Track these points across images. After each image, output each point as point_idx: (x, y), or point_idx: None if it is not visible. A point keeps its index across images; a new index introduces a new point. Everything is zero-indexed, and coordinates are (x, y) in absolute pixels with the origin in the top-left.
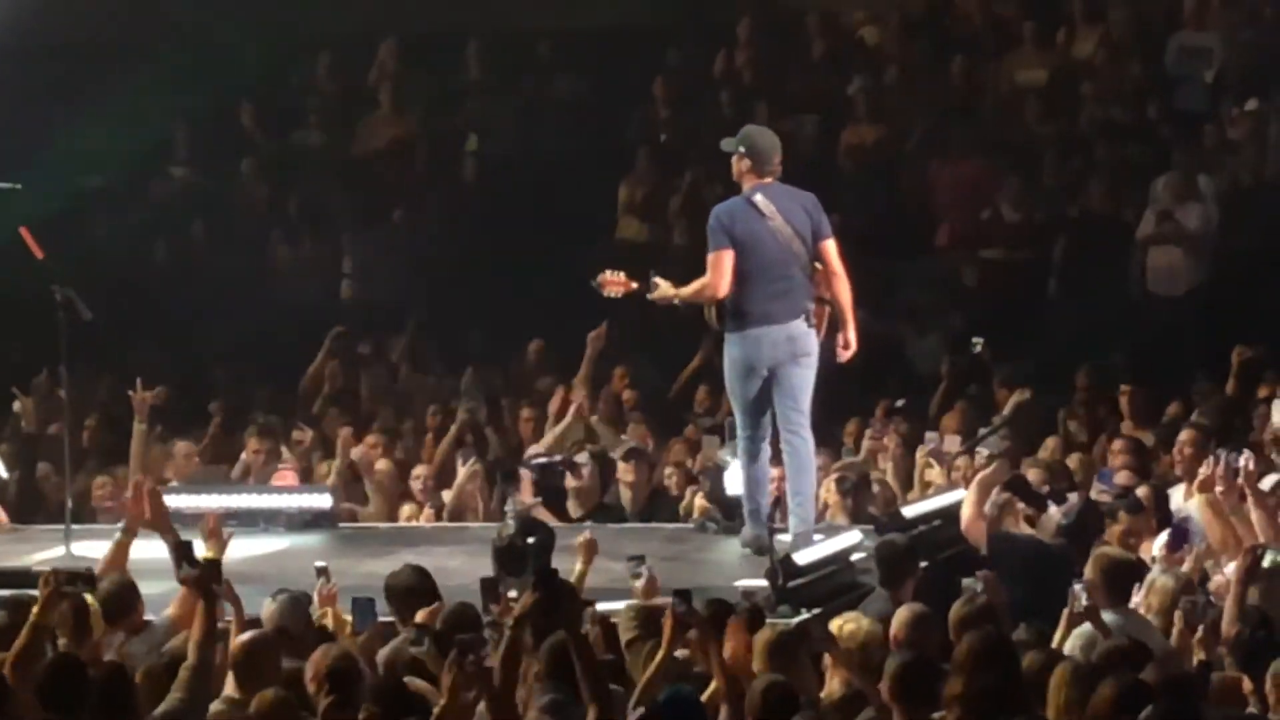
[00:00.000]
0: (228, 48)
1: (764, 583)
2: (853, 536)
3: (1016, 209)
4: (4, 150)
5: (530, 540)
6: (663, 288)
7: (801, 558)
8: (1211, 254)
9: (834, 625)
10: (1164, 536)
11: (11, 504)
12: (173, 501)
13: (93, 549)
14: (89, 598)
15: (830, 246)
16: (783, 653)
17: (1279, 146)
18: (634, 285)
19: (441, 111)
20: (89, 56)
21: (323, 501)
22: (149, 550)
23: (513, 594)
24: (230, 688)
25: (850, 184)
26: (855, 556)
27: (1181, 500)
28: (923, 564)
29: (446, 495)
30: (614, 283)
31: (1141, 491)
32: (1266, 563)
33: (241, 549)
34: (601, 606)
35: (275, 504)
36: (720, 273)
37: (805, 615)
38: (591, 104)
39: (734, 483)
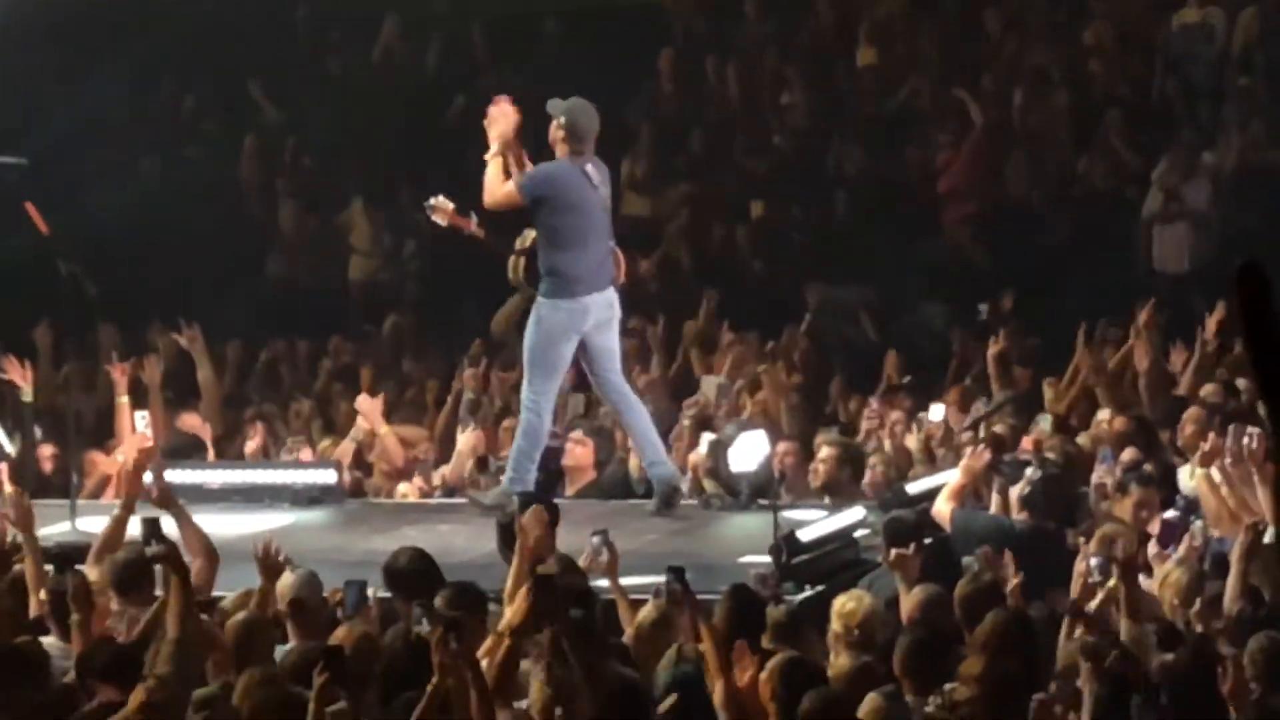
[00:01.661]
0: (232, 24)
1: (768, 559)
2: (856, 513)
3: (1022, 186)
4: (8, 126)
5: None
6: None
7: (805, 534)
8: (1217, 231)
9: (836, 602)
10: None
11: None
12: (175, 477)
13: (98, 524)
14: (90, 574)
15: None
16: (791, 631)
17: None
18: (459, 220)
19: (451, 88)
20: (94, 32)
21: (328, 477)
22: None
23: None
24: (222, 668)
25: (855, 160)
26: (859, 533)
27: (1188, 479)
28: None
29: (445, 469)
30: (442, 210)
31: (1149, 468)
32: (1268, 539)
33: (246, 525)
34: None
35: (280, 479)
36: (504, 196)
37: (809, 591)
38: (595, 80)
39: (739, 458)
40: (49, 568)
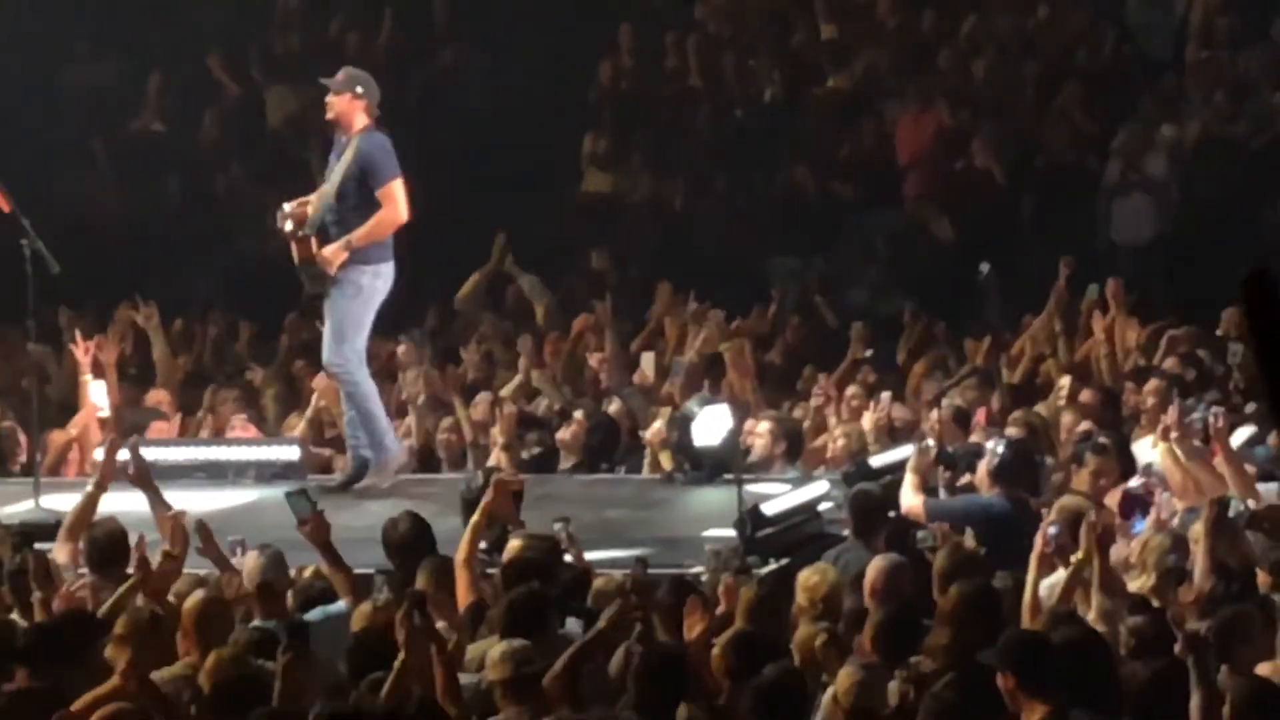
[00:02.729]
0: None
1: (732, 533)
2: (820, 486)
3: (983, 159)
4: None
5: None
6: (332, 248)
7: (769, 508)
8: (1175, 203)
9: (800, 576)
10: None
11: None
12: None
13: (62, 502)
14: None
15: None
16: (764, 608)
17: (1240, 94)
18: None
19: (411, 62)
20: (59, 7)
21: (291, 453)
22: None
23: None
24: (186, 650)
25: (816, 133)
26: (823, 506)
27: (1149, 450)
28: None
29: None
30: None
31: (1103, 439)
32: (1231, 513)
33: (210, 501)
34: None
35: (244, 456)
36: (402, 199)
37: (774, 565)
38: (556, 54)
39: (702, 433)
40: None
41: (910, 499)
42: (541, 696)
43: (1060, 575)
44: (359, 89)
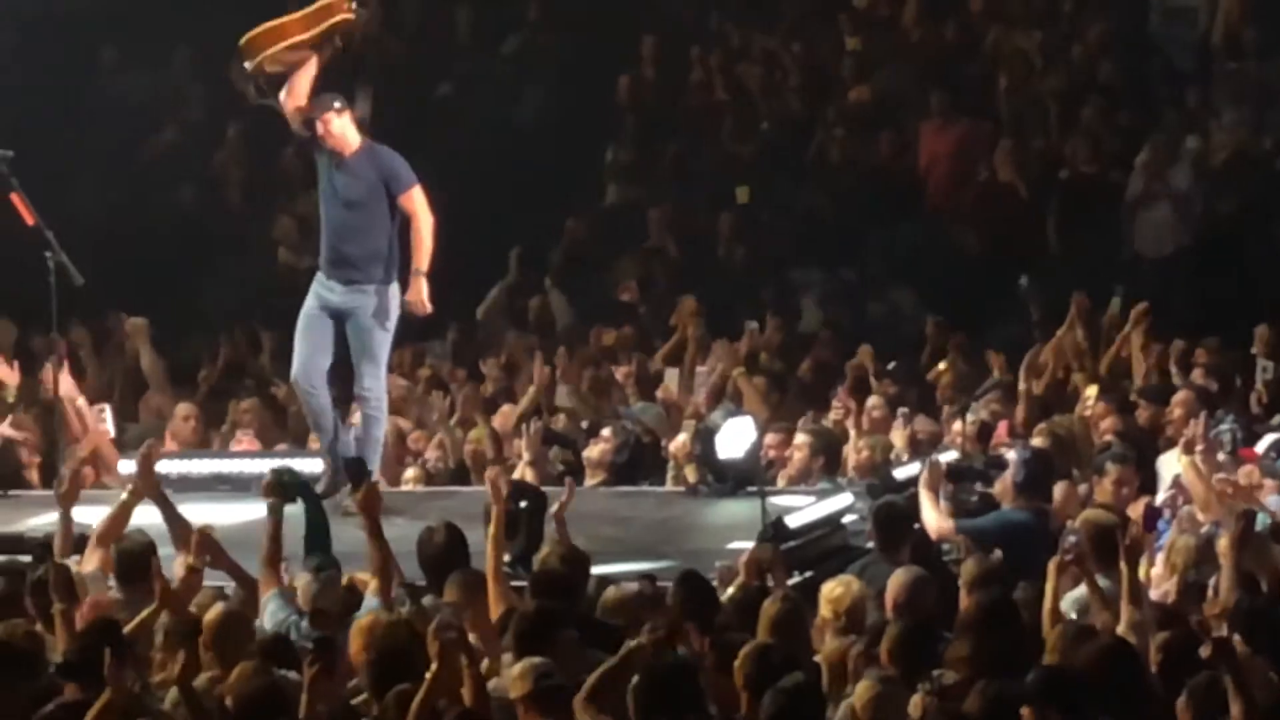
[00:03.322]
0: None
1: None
2: (844, 499)
3: (1007, 171)
4: None
5: (522, 504)
6: (417, 289)
7: (793, 520)
8: (1199, 215)
9: (824, 588)
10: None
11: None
12: (167, 466)
13: (88, 514)
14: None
15: None
16: (788, 623)
17: (1264, 106)
18: None
19: (432, 74)
20: (80, 23)
21: (315, 466)
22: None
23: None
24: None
25: (839, 145)
26: (847, 519)
27: (1175, 463)
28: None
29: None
30: None
31: (1124, 449)
32: (1259, 527)
33: (235, 514)
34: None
35: (268, 469)
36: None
37: (797, 577)
38: (579, 66)
39: (725, 445)
40: (28, 558)
41: (937, 522)
42: (564, 711)
43: (1084, 589)
44: (341, 103)
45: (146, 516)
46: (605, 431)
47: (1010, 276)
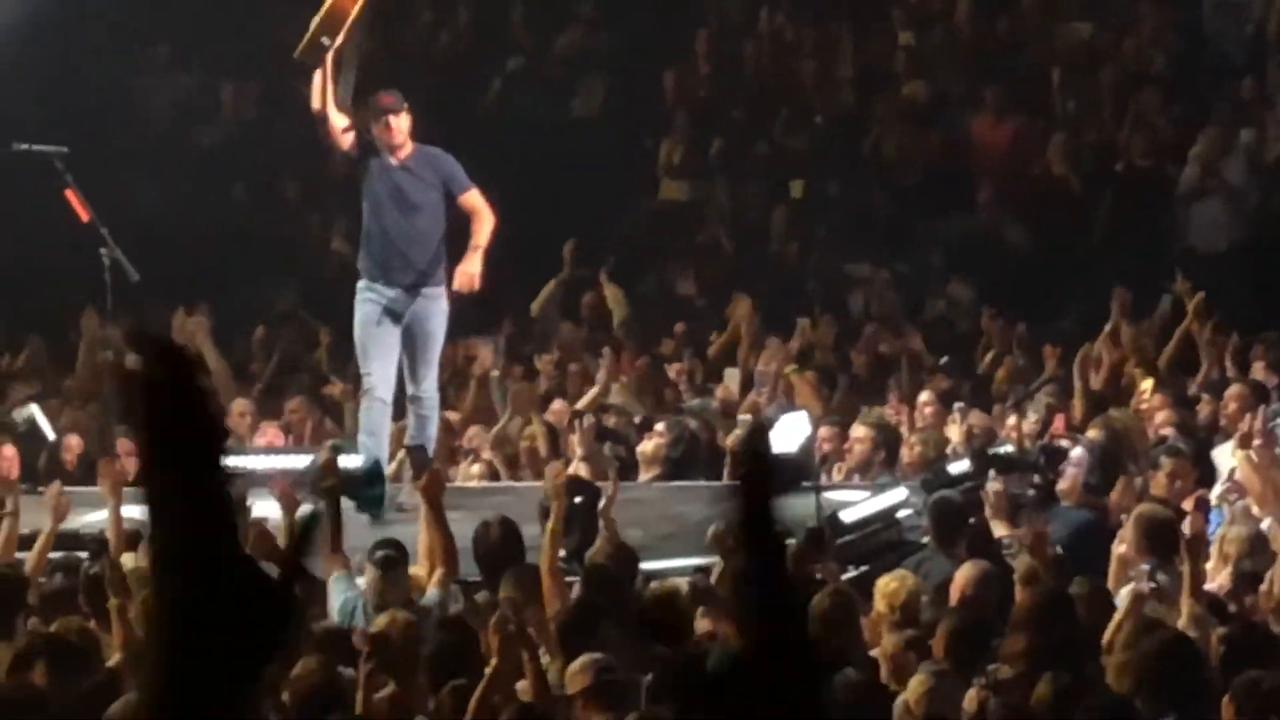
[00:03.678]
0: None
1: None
2: (899, 494)
3: (1059, 165)
4: (49, 113)
5: (577, 500)
6: (475, 262)
7: (848, 515)
8: (1254, 208)
9: (879, 583)
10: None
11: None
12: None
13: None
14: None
15: None
16: (838, 618)
17: None
18: None
19: (485, 69)
20: (133, 20)
21: (357, 462)
22: None
23: None
24: None
25: (893, 139)
26: (901, 514)
27: (1229, 456)
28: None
29: (487, 453)
30: None
31: (1179, 442)
32: None
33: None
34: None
35: (321, 455)
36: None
37: (853, 572)
38: (631, 61)
39: (779, 440)
40: (84, 555)
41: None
42: (623, 706)
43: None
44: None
45: None
46: (659, 426)
47: (1063, 270)
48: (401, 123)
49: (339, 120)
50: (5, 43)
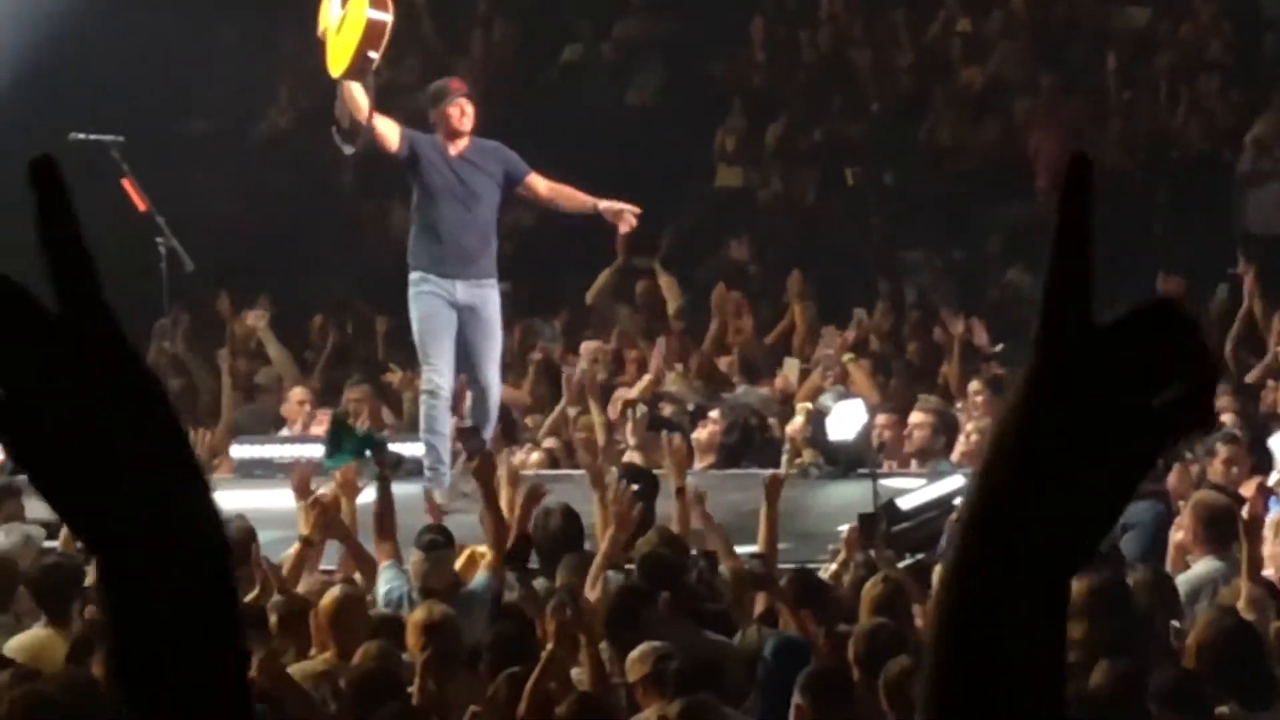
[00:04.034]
0: None
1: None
2: (955, 481)
3: (1116, 151)
4: (105, 102)
5: (634, 488)
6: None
7: (905, 502)
8: None
9: (936, 570)
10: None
11: None
12: (277, 451)
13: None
14: None
15: None
16: (889, 604)
17: None
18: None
19: (539, 58)
20: (193, 6)
21: (418, 449)
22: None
23: None
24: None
25: (949, 126)
26: (958, 501)
27: None
28: None
29: (548, 441)
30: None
31: (1235, 429)
32: None
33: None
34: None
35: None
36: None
37: (909, 560)
38: (686, 48)
39: (836, 427)
40: None
41: None
42: (683, 693)
43: (1194, 571)
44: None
45: (245, 501)
46: (713, 414)
47: (1120, 257)
48: (470, 107)
49: (387, 126)
50: (64, 32)
